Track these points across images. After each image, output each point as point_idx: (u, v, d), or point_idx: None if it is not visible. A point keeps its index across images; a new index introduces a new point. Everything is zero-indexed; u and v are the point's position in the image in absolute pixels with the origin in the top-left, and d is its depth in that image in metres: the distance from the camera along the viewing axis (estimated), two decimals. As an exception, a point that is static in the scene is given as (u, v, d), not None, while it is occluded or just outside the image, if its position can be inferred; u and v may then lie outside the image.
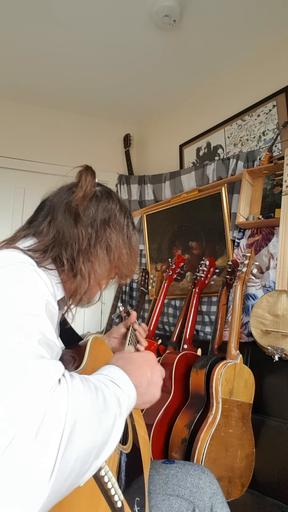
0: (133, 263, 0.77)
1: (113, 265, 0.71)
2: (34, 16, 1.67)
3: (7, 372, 0.39)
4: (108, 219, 0.70)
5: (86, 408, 0.41)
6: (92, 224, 0.68)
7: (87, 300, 0.73)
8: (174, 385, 1.38)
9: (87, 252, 0.66)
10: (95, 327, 2.42)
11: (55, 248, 0.65)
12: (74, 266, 0.65)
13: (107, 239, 0.69)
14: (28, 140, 2.37)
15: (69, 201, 0.68)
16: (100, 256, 0.68)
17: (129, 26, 1.74)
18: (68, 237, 0.66)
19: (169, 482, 0.79)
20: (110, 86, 2.23)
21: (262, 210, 1.66)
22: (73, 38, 1.82)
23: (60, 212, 0.68)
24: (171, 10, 1.60)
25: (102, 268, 0.69)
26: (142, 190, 2.30)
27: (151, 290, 2.05)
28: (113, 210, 0.72)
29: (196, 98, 2.27)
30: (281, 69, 1.77)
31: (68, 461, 0.36)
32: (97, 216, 0.69)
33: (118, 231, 0.71)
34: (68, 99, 2.37)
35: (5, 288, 0.49)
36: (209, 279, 1.69)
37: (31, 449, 0.34)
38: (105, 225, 0.69)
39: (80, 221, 0.67)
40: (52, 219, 0.68)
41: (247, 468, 1.20)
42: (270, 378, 1.32)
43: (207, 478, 0.81)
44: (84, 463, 0.39)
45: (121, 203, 0.76)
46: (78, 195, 0.67)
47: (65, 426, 0.37)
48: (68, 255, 0.65)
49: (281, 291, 1.32)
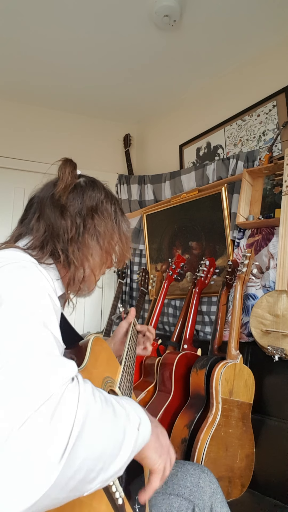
0: (125, 247, 0.77)
1: (104, 251, 0.72)
2: (34, 16, 1.67)
3: (25, 365, 0.40)
4: (95, 206, 0.71)
5: (95, 412, 0.41)
6: (79, 213, 0.69)
7: (87, 289, 0.73)
8: (174, 385, 1.39)
9: (76, 241, 0.67)
10: (95, 327, 2.42)
11: (50, 242, 0.66)
12: (67, 256, 0.66)
13: (95, 227, 0.70)
14: (28, 140, 2.37)
15: (53, 194, 0.69)
16: (90, 244, 0.69)
17: (129, 26, 1.74)
18: (57, 229, 0.67)
19: (169, 482, 0.79)
20: (110, 86, 2.23)
21: (262, 210, 1.66)
22: (73, 38, 1.82)
23: (47, 207, 0.69)
24: (171, 10, 1.60)
25: (94, 255, 0.70)
26: (142, 190, 2.30)
27: (151, 290, 2.05)
28: (99, 198, 0.73)
29: (196, 98, 2.27)
30: (281, 69, 1.77)
31: (76, 458, 0.36)
32: (83, 205, 0.70)
33: (106, 217, 0.72)
34: (68, 99, 2.37)
35: (11, 287, 0.49)
36: (209, 279, 1.69)
37: (45, 430, 0.35)
38: (92, 212, 0.70)
39: (66, 212, 0.68)
40: (40, 214, 0.69)
41: (247, 468, 1.20)
42: (270, 378, 1.32)
43: (207, 477, 0.81)
44: (91, 469, 0.39)
45: (107, 191, 0.77)
46: (59, 187, 0.69)
47: (75, 424, 0.37)
48: (61, 247, 0.66)
49: (281, 291, 1.32)
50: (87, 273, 0.69)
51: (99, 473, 0.40)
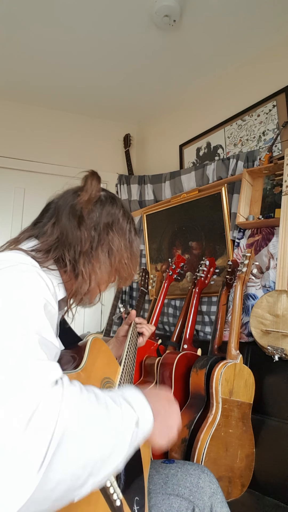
0: (133, 267, 0.78)
1: (113, 268, 0.73)
2: (34, 16, 1.67)
3: (4, 370, 0.39)
4: (112, 223, 0.72)
5: (80, 418, 0.40)
6: (95, 227, 0.69)
7: (88, 300, 0.74)
8: (174, 385, 1.38)
9: (88, 254, 0.68)
10: (95, 327, 2.42)
11: (58, 249, 0.66)
12: (76, 267, 0.67)
13: (109, 243, 0.70)
14: (28, 140, 2.37)
15: (74, 204, 0.69)
16: (102, 259, 0.69)
17: (129, 26, 1.74)
18: (71, 239, 0.67)
19: (169, 482, 0.79)
20: (110, 86, 2.23)
21: (262, 210, 1.66)
22: (73, 38, 1.82)
23: (65, 214, 0.69)
24: (171, 10, 1.60)
25: (102, 270, 0.70)
26: (142, 190, 2.30)
27: (151, 290, 2.05)
28: (117, 214, 0.73)
29: (196, 98, 2.26)
30: (281, 69, 1.77)
31: (57, 468, 0.35)
32: (101, 220, 0.70)
33: (120, 235, 0.73)
34: (68, 99, 2.37)
35: (6, 290, 0.49)
36: (209, 279, 1.69)
37: (20, 441, 0.34)
38: (108, 228, 0.71)
39: (83, 223, 0.68)
40: (57, 220, 0.69)
41: (247, 468, 1.20)
42: (270, 378, 1.31)
43: (207, 477, 0.81)
44: (77, 476, 0.38)
45: (125, 209, 0.77)
46: (83, 199, 0.69)
47: (54, 433, 0.36)
48: (70, 256, 0.66)
49: (281, 291, 1.32)
50: (92, 286, 0.70)
51: (87, 479, 0.39)
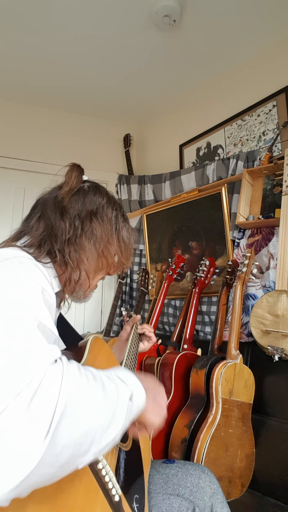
0: (124, 256, 0.78)
1: (101, 256, 0.73)
2: (34, 16, 1.67)
3: (6, 352, 0.42)
4: (95, 211, 0.73)
5: (80, 392, 0.42)
6: (78, 215, 0.71)
7: (82, 293, 0.75)
8: (174, 385, 1.38)
9: (73, 243, 0.69)
10: (95, 327, 2.42)
11: (47, 242, 0.68)
12: (64, 257, 0.69)
13: (93, 230, 0.71)
14: (28, 140, 2.37)
15: (56, 195, 0.72)
16: (87, 247, 0.70)
17: (129, 26, 1.74)
18: (56, 230, 0.69)
19: (169, 482, 0.79)
20: (110, 86, 2.23)
21: (262, 210, 1.66)
22: (73, 38, 1.82)
23: (49, 208, 0.71)
24: (171, 10, 1.60)
25: (90, 259, 0.71)
26: (142, 190, 2.30)
27: (151, 290, 2.05)
28: (100, 202, 0.74)
29: (196, 98, 2.26)
30: (281, 69, 1.77)
31: (62, 435, 0.38)
32: (83, 208, 0.72)
33: (105, 222, 0.73)
34: (68, 99, 2.37)
35: (4, 279, 0.52)
36: (209, 279, 1.69)
37: (27, 412, 0.36)
38: (91, 216, 0.72)
39: (66, 214, 0.70)
40: (41, 214, 0.72)
41: (247, 468, 1.20)
42: (270, 378, 1.31)
43: (207, 477, 0.81)
44: (80, 443, 0.40)
45: (110, 196, 0.78)
46: (64, 190, 0.71)
47: (58, 404, 0.38)
48: (58, 247, 0.68)
49: (281, 291, 1.32)
50: (82, 276, 0.71)
51: (90, 446, 0.41)
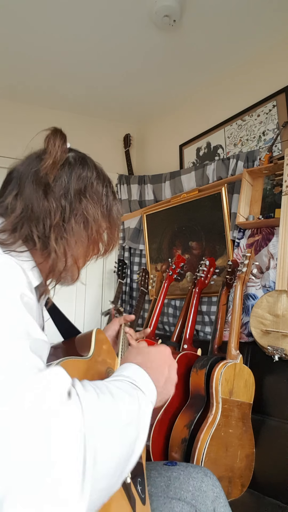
0: (114, 237, 0.69)
1: (91, 240, 0.63)
2: (34, 16, 1.67)
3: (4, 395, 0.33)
4: (84, 188, 0.62)
5: (104, 426, 0.37)
6: (65, 195, 0.60)
7: (70, 278, 0.65)
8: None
9: (60, 227, 0.58)
10: (95, 327, 2.41)
11: (25, 226, 0.57)
12: (47, 244, 0.58)
13: (83, 212, 0.61)
14: (28, 140, 2.36)
15: (37, 169, 0.60)
16: (76, 231, 0.60)
17: (129, 26, 1.74)
18: (38, 212, 0.57)
19: (171, 485, 0.77)
20: (110, 86, 2.23)
21: (262, 210, 1.66)
22: (73, 38, 1.82)
23: (28, 184, 0.59)
24: (171, 10, 1.60)
25: (79, 244, 0.61)
26: (142, 190, 2.30)
27: (151, 290, 2.05)
28: (89, 178, 0.64)
29: (196, 98, 2.26)
30: (281, 69, 1.77)
31: (99, 482, 0.34)
32: (71, 186, 0.60)
33: (96, 201, 0.63)
34: (68, 99, 2.37)
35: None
36: (209, 279, 1.69)
37: (48, 472, 0.30)
38: (80, 195, 0.61)
39: (51, 192, 0.59)
40: (19, 191, 0.60)
41: (247, 468, 1.20)
42: (270, 378, 1.31)
43: (210, 481, 0.79)
44: (109, 485, 0.36)
45: (98, 170, 0.68)
46: (47, 163, 0.59)
47: (86, 448, 0.33)
48: (39, 232, 0.57)
49: (281, 291, 1.32)
50: (69, 263, 0.60)
51: (117, 480, 0.38)
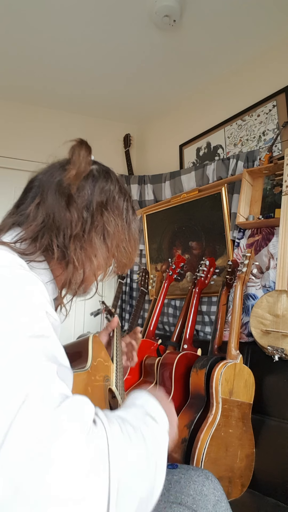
0: (133, 251, 0.69)
1: (111, 253, 0.63)
2: (34, 17, 1.67)
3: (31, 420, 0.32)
4: (106, 201, 0.62)
5: (129, 457, 0.36)
6: (87, 206, 0.60)
7: (83, 290, 0.65)
8: (174, 385, 1.39)
9: (80, 238, 0.58)
10: (95, 327, 2.42)
11: (46, 235, 0.57)
12: (66, 254, 0.58)
13: (104, 224, 0.61)
14: (28, 140, 2.37)
15: (60, 180, 0.60)
16: (96, 243, 0.60)
17: (129, 26, 1.74)
18: (59, 222, 0.57)
19: (171, 489, 0.75)
20: (110, 86, 2.23)
21: (262, 210, 1.66)
22: (73, 39, 1.82)
23: (51, 193, 0.59)
24: (171, 10, 1.60)
25: (99, 257, 0.61)
26: (142, 190, 2.30)
27: (151, 290, 2.05)
28: (112, 191, 0.64)
29: (196, 98, 2.26)
30: (281, 69, 1.77)
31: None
32: (93, 198, 0.61)
33: (116, 215, 0.63)
34: (68, 99, 2.37)
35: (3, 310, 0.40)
36: (209, 279, 1.69)
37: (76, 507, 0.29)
38: (102, 208, 0.61)
39: (73, 203, 0.59)
40: (41, 200, 0.60)
41: (247, 468, 1.20)
42: (270, 378, 1.32)
43: (211, 484, 0.77)
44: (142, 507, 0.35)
45: (120, 184, 0.68)
46: (71, 173, 0.59)
47: (111, 480, 0.32)
48: (59, 242, 0.57)
49: (281, 291, 1.32)
50: (87, 275, 0.61)
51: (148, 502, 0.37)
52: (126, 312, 2.28)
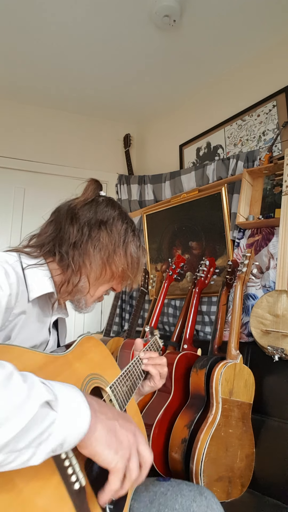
0: (131, 270, 0.79)
1: (105, 264, 0.75)
2: (34, 17, 1.67)
3: None
4: (105, 221, 0.76)
5: None
6: (87, 223, 0.75)
7: (84, 302, 0.78)
8: (174, 385, 1.38)
9: (78, 247, 0.73)
10: (95, 327, 2.42)
11: (51, 243, 0.74)
12: (65, 259, 0.73)
13: (99, 238, 0.74)
14: (28, 140, 2.37)
15: (71, 204, 0.78)
16: (91, 252, 0.73)
17: (129, 26, 1.74)
18: (63, 233, 0.74)
19: (155, 501, 0.69)
20: (110, 86, 2.23)
21: (262, 210, 1.66)
22: (73, 39, 1.82)
23: (62, 214, 0.77)
24: (171, 10, 1.60)
25: (93, 265, 0.74)
26: (142, 190, 2.30)
27: (151, 290, 2.05)
28: (111, 214, 0.78)
29: (196, 98, 2.26)
30: (281, 69, 1.77)
31: None
32: (94, 217, 0.76)
33: (113, 233, 0.76)
34: (68, 99, 2.37)
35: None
36: (209, 279, 1.69)
37: None
38: (100, 225, 0.76)
39: (76, 220, 0.75)
40: (54, 219, 0.78)
41: (247, 468, 1.20)
42: (270, 378, 1.31)
43: (204, 501, 0.68)
44: None
45: (122, 211, 0.81)
46: (79, 199, 0.78)
47: None
48: (62, 250, 0.73)
49: (281, 291, 1.32)
50: (82, 280, 0.74)
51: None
52: (126, 312, 2.28)
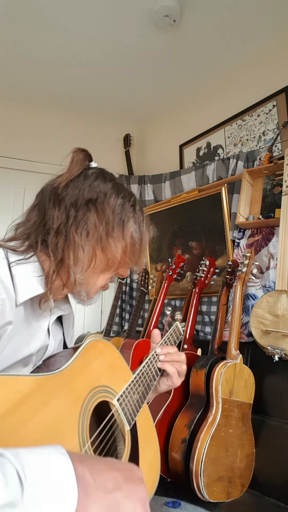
0: (131, 252, 0.66)
1: (96, 250, 0.62)
2: (34, 17, 1.67)
3: None
4: (95, 198, 0.63)
5: None
6: (74, 204, 0.61)
7: (85, 293, 0.65)
8: (174, 385, 1.39)
9: (62, 233, 0.60)
10: (95, 327, 2.42)
11: (35, 233, 0.62)
12: (47, 247, 0.61)
13: (86, 220, 0.61)
14: (28, 140, 2.37)
15: (54, 182, 0.65)
16: (75, 238, 0.60)
17: (129, 26, 1.74)
18: (47, 218, 0.62)
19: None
20: (110, 86, 2.23)
21: (262, 210, 1.66)
22: (73, 39, 1.82)
23: (45, 195, 0.64)
24: (171, 10, 1.60)
25: (83, 253, 0.61)
26: (142, 190, 2.30)
27: (151, 290, 2.05)
28: (101, 189, 0.64)
29: (196, 98, 2.26)
30: (281, 69, 1.77)
31: None
32: (81, 195, 0.62)
33: (105, 212, 0.62)
34: (68, 99, 2.37)
35: None
36: (209, 279, 1.69)
37: None
38: (89, 204, 0.62)
39: (61, 201, 0.62)
40: (37, 203, 0.65)
41: (247, 468, 1.20)
42: (270, 378, 1.31)
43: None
44: None
45: (116, 183, 0.67)
46: (63, 176, 0.63)
47: None
48: (48, 239, 0.61)
49: (281, 291, 1.32)
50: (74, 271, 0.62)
51: None
52: (126, 312, 2.28)
